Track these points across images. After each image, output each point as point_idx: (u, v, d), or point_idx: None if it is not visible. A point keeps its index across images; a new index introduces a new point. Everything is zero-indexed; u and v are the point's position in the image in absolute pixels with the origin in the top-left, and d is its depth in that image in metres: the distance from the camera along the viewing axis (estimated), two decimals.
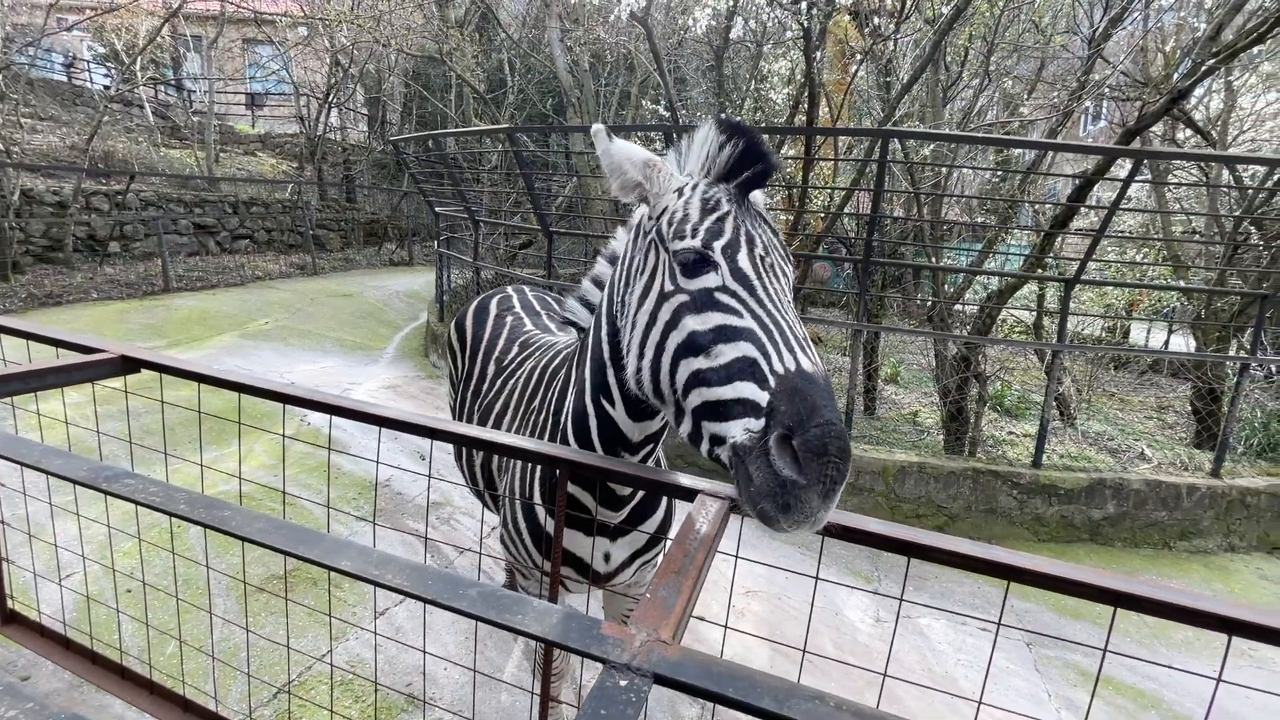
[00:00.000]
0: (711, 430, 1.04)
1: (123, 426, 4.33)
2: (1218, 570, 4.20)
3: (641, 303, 1.17)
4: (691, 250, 1.07)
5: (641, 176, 1.20)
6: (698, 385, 1.04)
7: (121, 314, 7.95)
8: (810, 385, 0.94)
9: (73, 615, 2.62)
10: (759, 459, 0.94)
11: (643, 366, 1.15)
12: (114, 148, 12.94)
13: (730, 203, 1.12)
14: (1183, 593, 1.05)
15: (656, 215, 1.18)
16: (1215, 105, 7.80)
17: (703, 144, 1.19)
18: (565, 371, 1.59)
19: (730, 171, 1.14)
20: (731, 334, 1.02)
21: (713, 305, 1.05)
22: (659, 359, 1.11)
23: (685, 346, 1.06)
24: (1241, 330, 5.59)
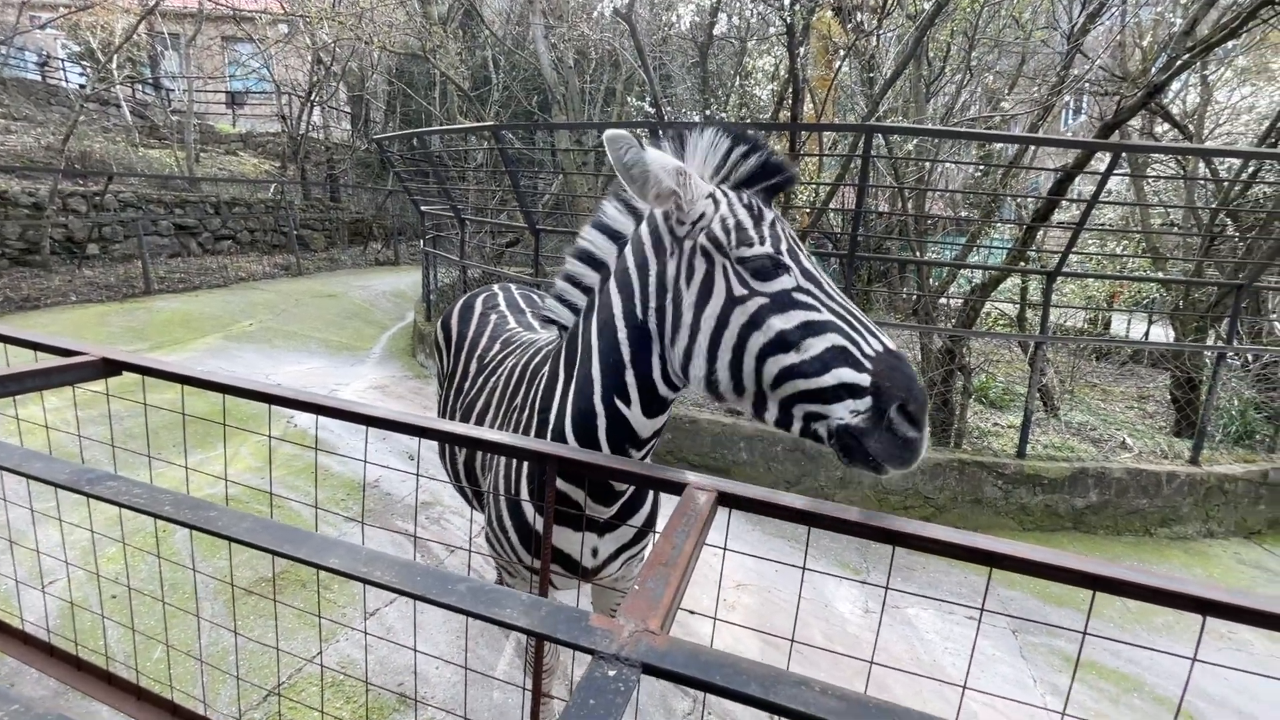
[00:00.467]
0: (807, 411, 1.16)
1: (105, 431, 4.28)
2: (1197, 555, 4.29)
3: (702, 308, 1.24)
4: (765, 256, 1.17)
5: (676, 185, 1.22)
6: (792, 378, 1.15)
7: (102, 317, 7.83)
8: (901, 361, 1.11)
9: (56, 622, 2.59)
10: (879, 430, 1.10)
11: (718, 368, 1.22)
12: (91, 148, 12.72)
13: (769, 210, 1.23)
14: (1158, 575, 1.08)
15: (695, 221, 1.24)
16: (1192, 99, 7.93)
17: (711, 148, 1.26)
18: (550, 369, 1.57)
19: (750, 179, 1.24)
20: (818, 328, 1.13)
21: (793, 304, 1.15)
22: (740, 358, 1.19)
23: (773, 344, 1.16)
24: (1218, 320, 5.70)
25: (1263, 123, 7.76)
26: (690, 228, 1.25)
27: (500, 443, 1.33)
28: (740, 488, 1.27)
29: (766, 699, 0.70)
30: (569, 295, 1.51)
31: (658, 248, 1.31)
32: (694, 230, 1.24)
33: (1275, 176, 5.95)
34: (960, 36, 5.96)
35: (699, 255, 1.24)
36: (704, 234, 1.23)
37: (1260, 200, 6.12)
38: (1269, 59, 8.64)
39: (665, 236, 1.30)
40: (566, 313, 1.54)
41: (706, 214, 1.23)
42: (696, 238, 1.24)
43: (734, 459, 4.72)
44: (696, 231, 1.24)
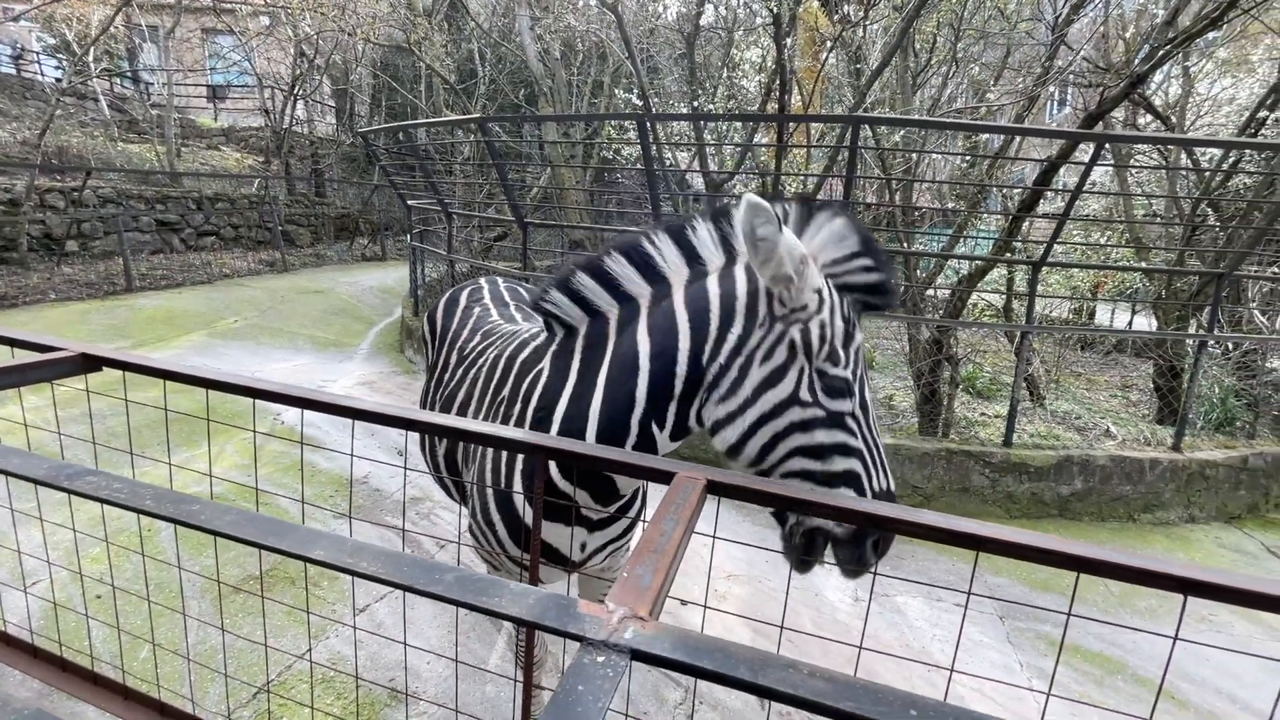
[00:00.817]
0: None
1: (86, 430, 4.22)
2: (1179, 540, 4.36)
3: (764, 391, 1.28)
4: (843, 380, 1.27)
5: (792, 270, 1.22)
6: (806, 477, 1.28)
7: (83, 315, 7.70)
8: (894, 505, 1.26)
9: (40, 623, 2.55)
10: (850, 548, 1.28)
11: (750, 442, 1.30)
12: (68, 143, 12.49)
13: (858, 331, 1.31)
14: (1140, 555, 1.09)
15: (794, 310, 1.26)
16: (1174, 91, 8.01)
17: (836, 241, 1.29)
18: (553, 367, 1.53)
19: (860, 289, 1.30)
20: (847, 451, 1.26)
21: (841, 426, 1.26)
22: (774, 444, 1.29)
23: (809, 450, 1.27)
24: (1200, 309, 5.78)
25: (1243, 114, 7.86)
26: (789, 313, 1.26)
27: (490, 434, 1.32)
28: (729, 475, 1.27)
29: (755, 682, 0.70)
30: (591, 294, 1.44)
31: (750, 311, 1.30)
32: (791, 317, 1.26)
33: (1254, 166, 6.03)
34: (946, 28, 5.97)
35: (784, 344, 1.27)
36: (798, 329, 1.25)
37: (1240, 190, 6.21)
38: (1249, 51, 8.74)
39: (761, 305, 1.29)
40: (578, 312, 1.47)
41: (809, 307, 1.24)
42: (790, 327, 1.26)
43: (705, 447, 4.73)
44: (793, 319, 1.26)
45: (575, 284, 1.46)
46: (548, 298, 1.51)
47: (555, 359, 1.54)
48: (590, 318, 1.48)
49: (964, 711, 0.67)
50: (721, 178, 5.85)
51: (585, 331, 1.48)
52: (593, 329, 1.47)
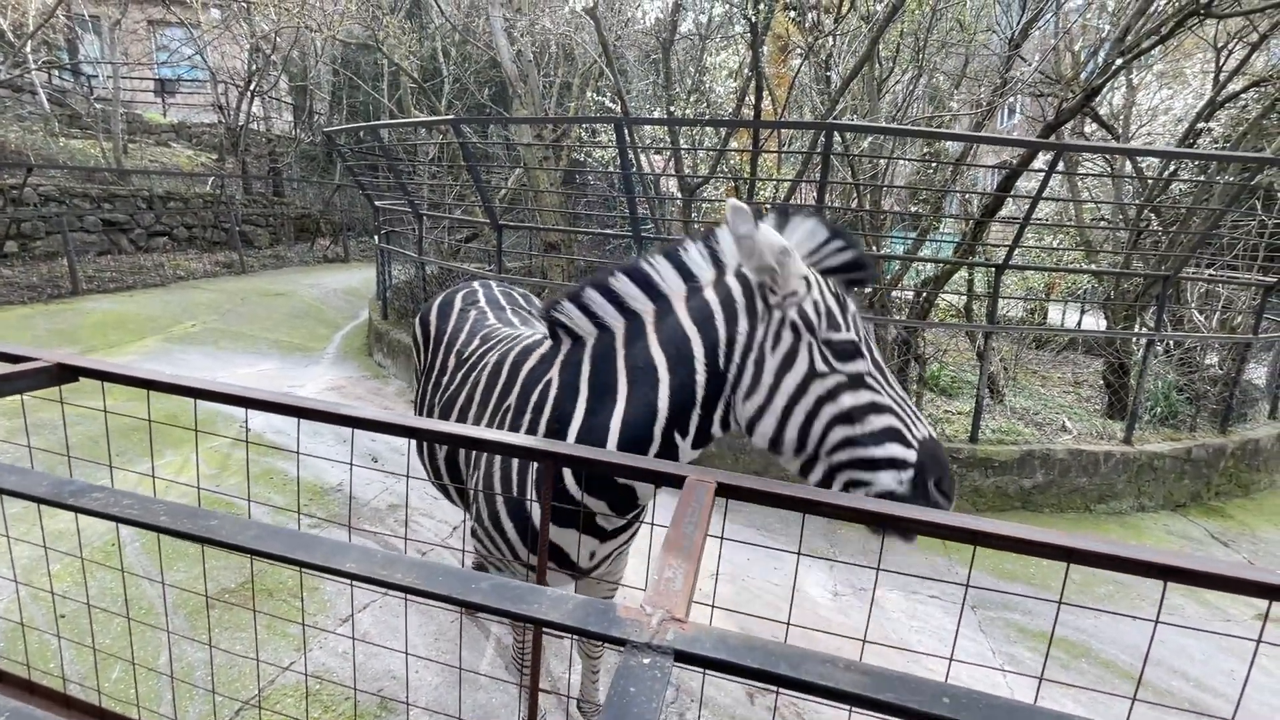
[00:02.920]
0: (851, 478, 1.35)
1: (46, 441, 4.02)
2: (1131, 528, 4.60)
3: (784, 374, 1.37)
4: (849, 342, 1.34)
5: (774, 261, 1.34)
6: (850, 446, 1.33)
7: (25, 320, 7.31)
8: (939, 448, 1.34)
9: (2, 645, 2.43)
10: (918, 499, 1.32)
11: (788, 428, 1.37)
12: (5, 138, 11.82)
13: (852, 301, 1.40)
14: (1124, 545, 1.17)
15: (787, 295, 1.37)
16: (1117, 101, 8.45)
17: (809, 235, 1.41)
18: (563, 379, 1.55)
19: (840, 270, 1.41)
20: (879, 408, 1.32)
21: (865, 386, 1.33)
22: (810, 424, 1.35)
23: (842, 416, 1.33)
24: (1145, 309, 6.11)
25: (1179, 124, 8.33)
26: (783, 300, 1.38)
27: (502, 442, 1.33)
28: (737, 478, 1.31)
29: (797, 677, 0.74)
30: (600, 310, 1.51)
31: (749, 309, 1.41)
32: (785, 303, 1.38)
33: (1190, 175, 6.41)
34: (910, 37, 6.17)
35: (788, 329, 1.38)
36: (795, 310, 1.37)
37: (1178, 197, 6.58)
38: (1183, 64, 9.27)
39: (758, 301, 1.41)
40: (588, 325, 1.54)
41: (799, 292, 1.37)
42: (787, 311, 1.38)
43: (704, 451, 4.79)
44: (787, 305, 1.37)
45: (587, 298, 1.53)
46: (560, 308, 1.56)
47: (564, 369, 1.56)
48: (598, 331, 1.54)
49: (991, 697, 0.72)
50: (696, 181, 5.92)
51: (593, 344, 1.53)
52: (600, 341, 1.52)
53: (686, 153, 6.32)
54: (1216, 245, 6.49)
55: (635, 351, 1.46)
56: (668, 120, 5.37)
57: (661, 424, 1.44)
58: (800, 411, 1.36)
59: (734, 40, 6.84)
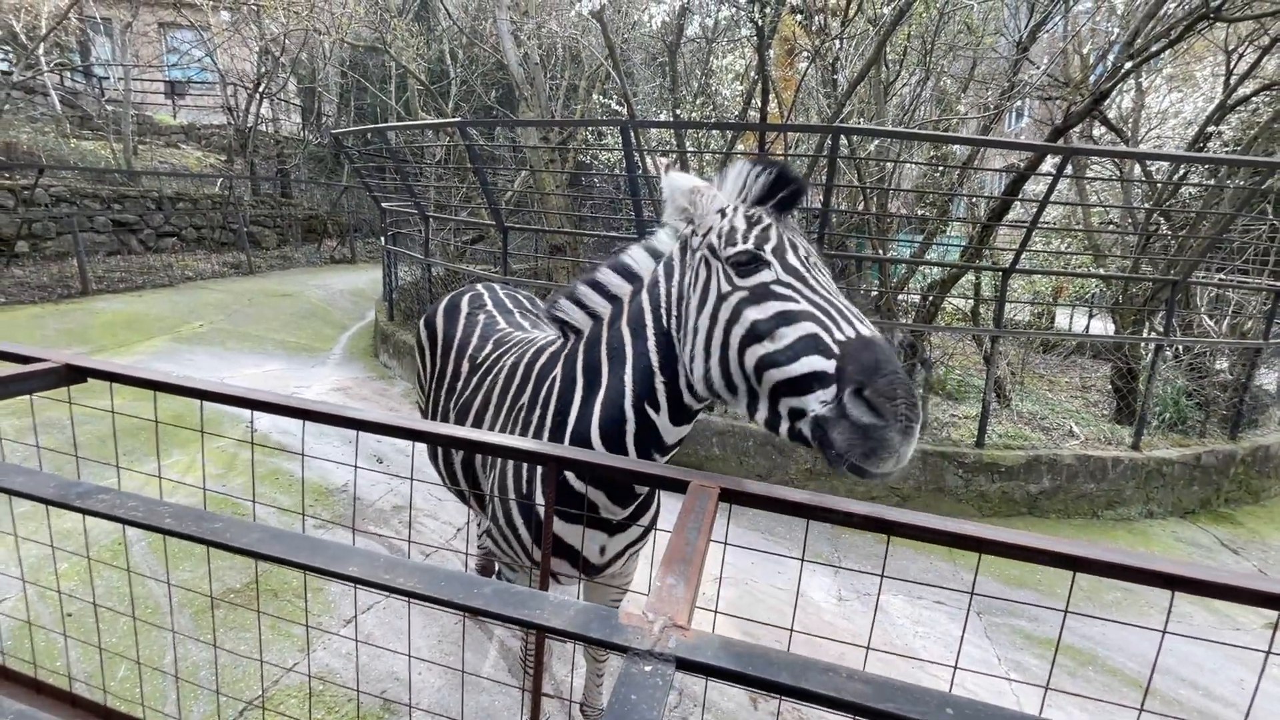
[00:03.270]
0: (790, 406, 1.16)
1: (46, 440, 4.05)
2: (1139, 535, 4.56)
3: (700, 309, 1.31)
4: (744, 252, 1.23)
5: (687, 202, 1.36)
6: (768, 368, 1.17)
7: (35, 319, 7.37)
8: (870, 346, 1.08)
9: (9, 644, 2.45)
10: (839, 420, 1.07)
11: (711, 365, 1.28)
12: (17, 139, 11.93)
13: (770, 217, 1.30)
14: (1130, 553, 1.16)
15: (704, 233, 1.34)
16: (1126, 104, 8.40)
17: (738, 176, 1.37)
18: (564, 371, 1.60)
19: (766, 195, 1.32)
20: (791, 318, 1.16)
21: (770, 296, 1.19)
22: (726, 354, 1.25)
23: (749, 335, 1.20)
24: (1154, 314, 6.07)
25: (1188, 127, 8.28)
26: (700, 239, 1.36)
27: (506, 446, 1.33)
28: (742, 484, 1.30)
29: (799, 686, 0.73)
30: (590, 300, 1.57)
31: (681, 262, 1.43)
32: (704, 240, 1.35)
33: (1200, 179, 6.36)
34: (917, 40, 6.16)
35: (702, 263, 1.35)
36: (705, 243, 1.34)
37: (1188, 201, 6.54)
38: (1193, 68, 9.21)
39: (686, 251, 1.42)
40: (582, 316, 1.59)
41: (713, 226, 1.33)
42: (702, 245, 1.35)
43: (706, 454, 4.79)
44: (705, 240, 1.34)
45: (579, 293, 1.60)
46: (558, 305, 1.60)
47: (565, 363, 1.61)
48: (592, 321, 1.60)
49: (994, 709, 0.71)
50: None
51: (587, 333, 1.59)
52: (592, 330, 1.58)
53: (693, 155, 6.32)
54: (1227, 249, 6.44)
55: (612, 334, 1.51)
56: (674, 123, 5.38)
57: (630, 398, 1.45)
58: (716, 343, 1.27)
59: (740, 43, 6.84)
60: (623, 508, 1.54)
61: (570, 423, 1.53)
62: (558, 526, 1.58)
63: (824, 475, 4.62)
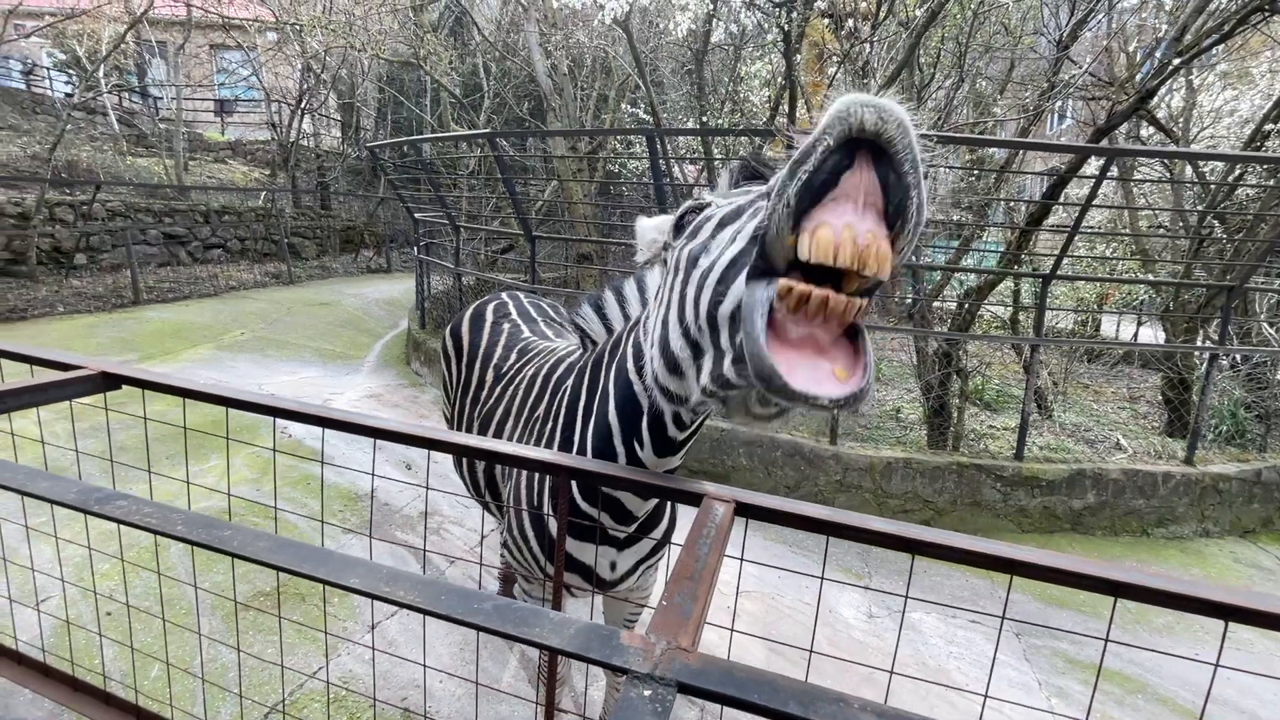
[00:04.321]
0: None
1: (95, 444, 4.22)
2: (1194, 555, 4.31)
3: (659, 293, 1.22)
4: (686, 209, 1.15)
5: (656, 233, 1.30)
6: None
7: (90, 328, 7.73)
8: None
9: (51, 641, 2.53)
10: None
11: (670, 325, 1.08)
12: (78, 157, 12.59)
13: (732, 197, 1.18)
14: (1178, 580, 1.08)
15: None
16: (1176, 103, 8.05)
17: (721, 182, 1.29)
18: (574, 383, 1.58)
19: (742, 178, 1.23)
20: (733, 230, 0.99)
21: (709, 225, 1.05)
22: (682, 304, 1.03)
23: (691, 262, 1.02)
24: (1208, 321, 5.77)
25: (1245, 126, 7.88)
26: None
27: (511, 454, 1.32)
28: (757, 498, 1.26)
29: (805, 717, 0.69)
30: (609, 308, 1.54)
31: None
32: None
33: (1258, 179, 6.04)
34: (950, 42, 6.02)
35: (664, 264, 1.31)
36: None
37: (1245, 202, 6.21)
38: (1249, 63, 8.79)
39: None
40: (600, 328, 1.56)
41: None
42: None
43: (732, 464, 4.72)
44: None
45: (600, 300, 1.56)
46: (580, 312, 1.57)
47: (578, 374, 1.58)
48: (607, 334, 1.56)
49: None
50: None
51: (599, 347, 1.55)
52: (601, 346, 1.54)
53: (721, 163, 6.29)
54: None
55: (611, 365, 1.45)
56: (700, 130, 5.36)
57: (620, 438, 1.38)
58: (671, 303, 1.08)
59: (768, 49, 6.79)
60: (625, 525, 1.51)
61: (575, 440, 1.51)
62: (568, 542, 1.56)
63: (856, 488, 4.50)
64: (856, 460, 4.45)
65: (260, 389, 6.23)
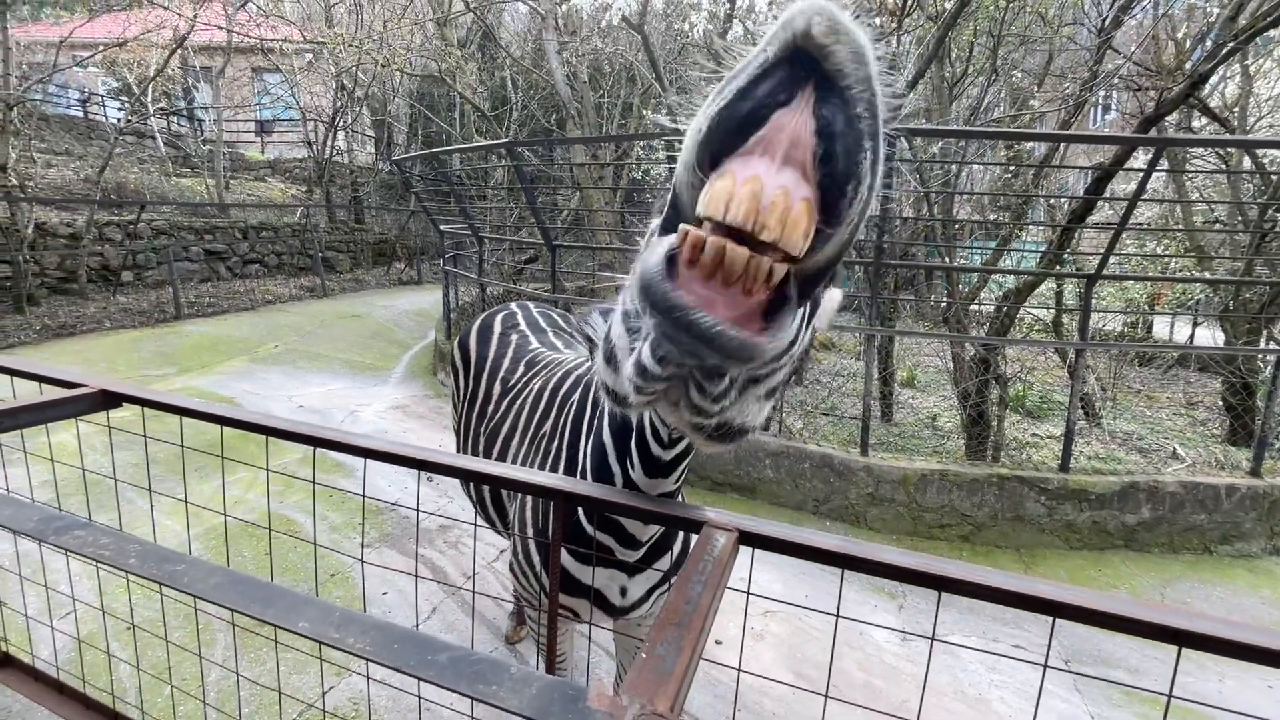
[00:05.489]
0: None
1: (122, 460, 4.30)
2: (1264, 575, 3.98)
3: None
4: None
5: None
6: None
7: (134, 342, 8.00)
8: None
9: (70, 657, 2.55)
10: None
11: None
12: (126, 179, 13.16)
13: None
14: (1250, 629, 0.93)
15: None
16: (1230, 91, 7.60)
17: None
18: (580, 398, 1.49)
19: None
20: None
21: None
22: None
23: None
24: (1273, 321, 5.38)
25: None
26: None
27: (504, 477, 1.23)
28: (762, 525, 1.15)
29: None
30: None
31: None
32: None
33: None
34: (984, 35, 5.79)
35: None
36: None
37: None
38: None
39: None
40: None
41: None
42: None
43: (759, 476, 4.57)
44: None
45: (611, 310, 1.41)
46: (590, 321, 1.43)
47: (584, 389, 1.49)
48: None
49: None
50: None
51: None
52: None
53: None
54: None
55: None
56: None
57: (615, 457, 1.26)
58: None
59: None
60: (632, 550, 1.40)
61: (579, 459, 1.41)
62: (572, 566, 1.47)
63: (889, 500, 4.30)
64: (889, 472, 4.25)
65: (290, 400, 6.33)
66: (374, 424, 5.82)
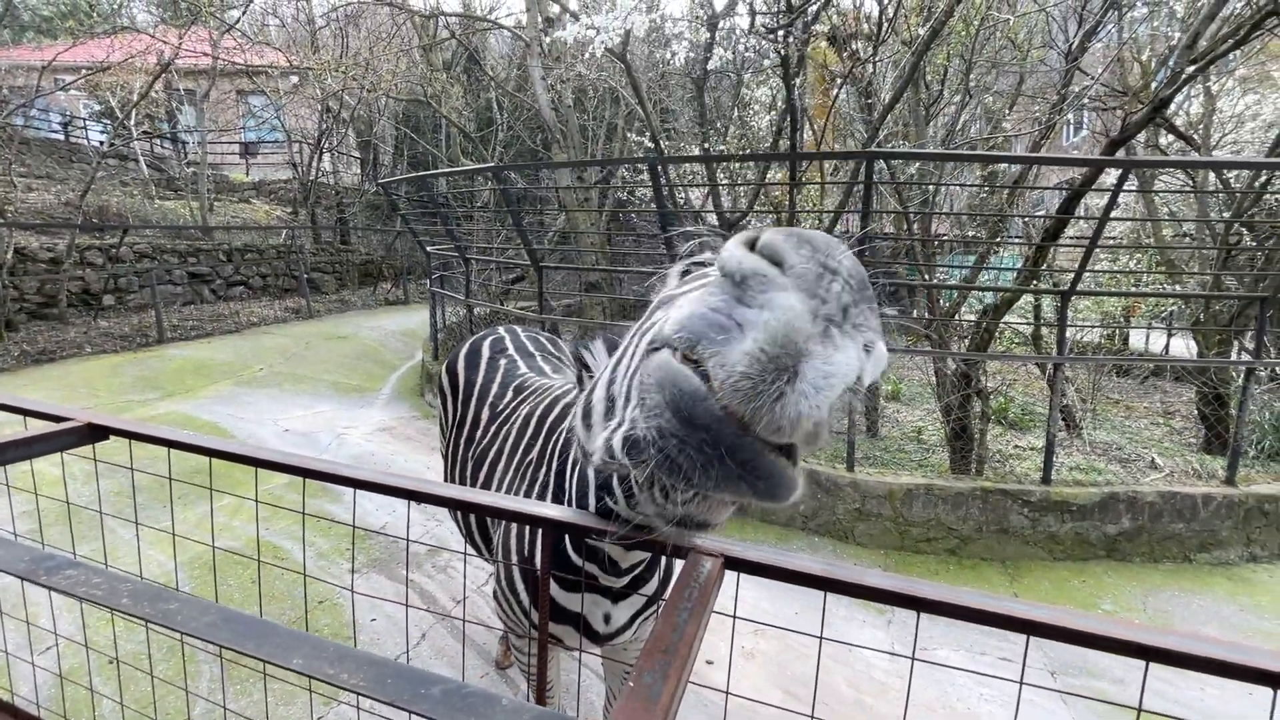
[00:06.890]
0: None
1: (105, 489, 4.24)
2: (1241, 582, 4.06)
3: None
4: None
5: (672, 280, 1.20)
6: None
7: (115, 368, 7.89)
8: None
9: (51, 694, 2.50)
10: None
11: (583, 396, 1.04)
12: (108, 202, 13.06)
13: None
14: (1221, 644, 0.97)
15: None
16: (1195, 110, 7.88)
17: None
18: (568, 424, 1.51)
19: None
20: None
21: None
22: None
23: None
24: (1242, 333, 5.54)
25: (1269, 129, 7.67)
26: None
27: (492, 506, 1.26)
28: (748, 550, 1.17)
29: None
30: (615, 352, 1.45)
31: None
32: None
33: None
34: (957, 59, 5.97)
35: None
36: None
37: (1275, 208, 6.00)
38: (1269, 67, 8.60)
39: None
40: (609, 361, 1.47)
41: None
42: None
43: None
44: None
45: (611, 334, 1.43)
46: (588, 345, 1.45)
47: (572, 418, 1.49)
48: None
49: None
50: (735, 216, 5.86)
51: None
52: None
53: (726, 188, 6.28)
54: None
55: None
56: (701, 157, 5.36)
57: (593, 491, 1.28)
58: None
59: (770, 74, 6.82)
60: (616, 577, 1.42)
61: (566, 485, 1.43)
62: (557, 594, 1.48)
63: (875, 516, 4.35)
64: (875, 487, 4.30)
65: (276, 425, 6.27)
66: (361, 447, 5.78)
